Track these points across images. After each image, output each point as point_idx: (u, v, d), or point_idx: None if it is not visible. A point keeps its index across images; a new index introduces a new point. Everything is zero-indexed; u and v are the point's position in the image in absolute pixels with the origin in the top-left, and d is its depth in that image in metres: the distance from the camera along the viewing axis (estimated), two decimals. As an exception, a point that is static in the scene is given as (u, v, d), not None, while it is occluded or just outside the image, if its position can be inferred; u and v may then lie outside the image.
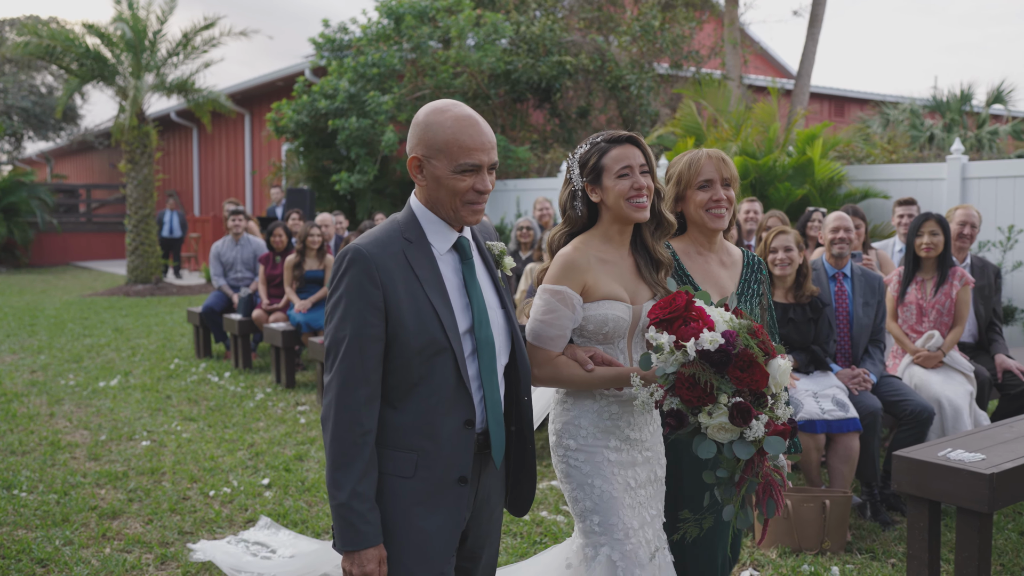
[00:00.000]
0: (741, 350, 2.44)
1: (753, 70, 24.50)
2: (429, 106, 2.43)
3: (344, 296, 2.32)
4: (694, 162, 3.09)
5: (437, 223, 2.45)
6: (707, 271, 3.11)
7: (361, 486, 2.28)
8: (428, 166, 2.38)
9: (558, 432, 2.88)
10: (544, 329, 2.77)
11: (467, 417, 2.39)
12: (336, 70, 15.97)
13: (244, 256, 10.79)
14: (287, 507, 5.34)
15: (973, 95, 21.44)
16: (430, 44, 15.81)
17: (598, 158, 2.82)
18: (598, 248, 2.84)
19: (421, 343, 2.33)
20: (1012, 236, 9.32)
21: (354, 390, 2.29)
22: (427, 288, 2.36)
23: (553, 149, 16.42)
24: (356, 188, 15.72)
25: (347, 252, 2.35)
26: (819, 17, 16.26)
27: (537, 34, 16.37)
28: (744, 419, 2.41)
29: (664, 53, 17.22)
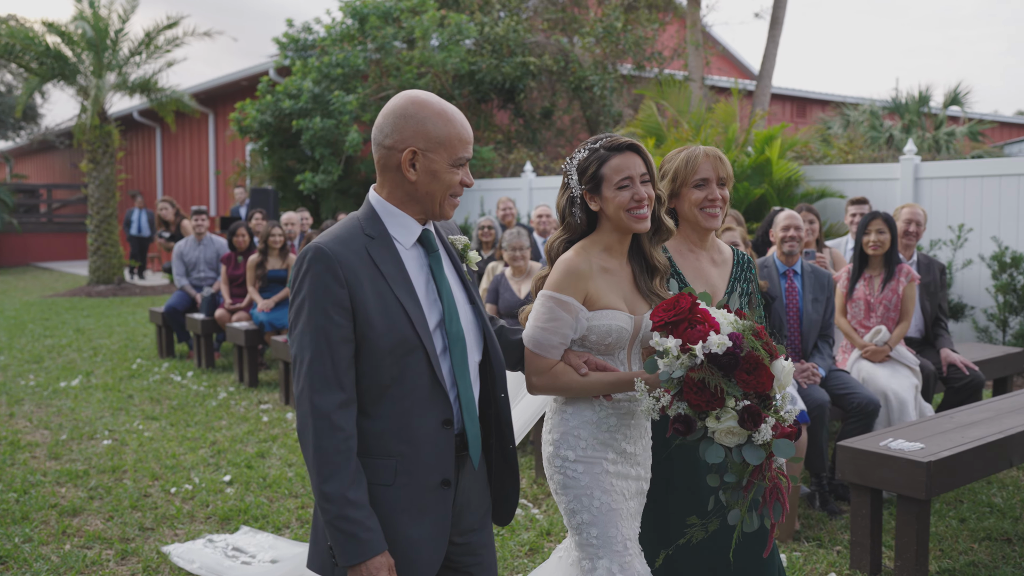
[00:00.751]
0: (748, 352, 2.41)
1: (716, 71, 24.79)
2: (406, 96, 2.34)
3: (308, 298, 2.20)
4: (691, 160, 3.05)
5: (400, 217, 2.36)
6: (698, 269, 3.10)
7: (353, 493, 2.16)
8: (424, 160, 2.30)
9: (555, 443, 2.78)
10: (545, 337, 2.69)
11: (444, 417, 2.30)
12: (300, 70, 15.96)
13: (207, 256, 10.79)
14: (248, 503, 5.39)
15: (931, 97, 21.88)
16: (394, 44, 15.84)
17: (597, 167, 2.74)
18: (599, 256, 2.77)
19: (391, 343, 2.23)
20: (962, 235, 9.57)
21: (328, 395, 2.17)
22: (393, 285, 2.27)
23: (517, 149, 16.52)
24: (320, 188, 15.72)
25: (307, 251, 2.24)
26: (780, 19, 16.50)
27: (501, 35, 16.46)
28: (754, 422, 2.36)
29: (627, 54, 17.39)
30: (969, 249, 9.61)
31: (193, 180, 24.80)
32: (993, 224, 9.51)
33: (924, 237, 9.97)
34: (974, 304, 9.50)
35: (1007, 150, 23.11)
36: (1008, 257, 8.97)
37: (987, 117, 25.95)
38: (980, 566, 4.38)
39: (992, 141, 24.97)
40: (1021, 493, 5.43)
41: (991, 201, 9.58)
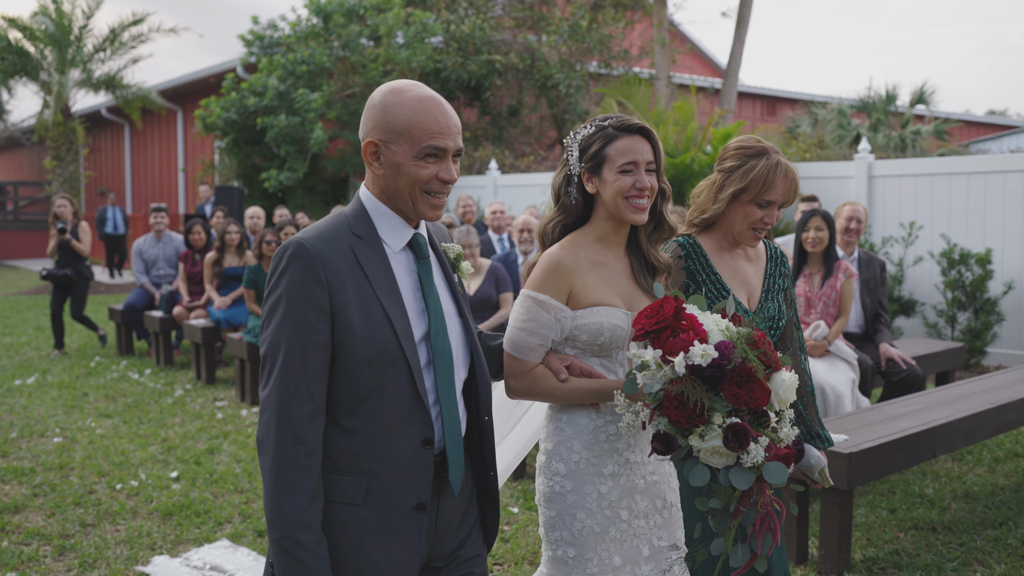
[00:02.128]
0: (738, 363, 2.16)
1: (686, 69, 24.96)
2: (386, 86, 2.18)
3: (284, 296, 2.03)
4: (770, 179, 2.82)
5: (391, 217, 2.19)
6: (735, 267, 2.94)
7: (308, 515, 2.00)
8: (386, 151, 2.13)
9: (548, 453, 2.58)
10: (521, 338, 2.50)
11: (424, 436, 2.13)
12: (266, 67, 15.93)
13: (166, 253, 10.78)
14: (192, 498, 5.41)
15: (898, 96, 22.17)
16: (360, 42, 15.85)
17: (601, 145, 2.51)
18: (591, 248, 2.56)
19: (371, 352, 2.05)
20: (913, 232, 9.73)
21: (296, 405, 2.00)
22: (378, 290, 2.09)
23: (483, 147, 16.58)
24: (286, 186, 15.71)
25: (288, 246, 2.07)
26: (746, 19, 16.64)
27: (467, 33, 16.51)
28: (740, 443, 2.12)
29: (593, 52, 17.49)
30: (920, 246, 9.77)
31: (162, 177, 24.65)
32: (943, 222, 9.68)
33: (876, 234, 10.13)
34: (924, 300, 9.67)
35: (973, 148, 23.45)
36: (957, 254, 9.14)
37: (953, 116, 26.31)
38: (903, 554, 4.49)
39: (958, 140, 25.35)
40: (953, 484, 5.56)
41: (942, 199, 9.75)
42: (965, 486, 5.52)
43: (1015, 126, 28.99)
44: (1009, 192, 9.22)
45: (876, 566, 4.37)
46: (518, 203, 13.42)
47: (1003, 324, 9.10)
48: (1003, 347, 9.18)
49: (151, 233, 10.88)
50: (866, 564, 4.39)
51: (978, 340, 8.99)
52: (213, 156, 19.20)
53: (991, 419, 4.91)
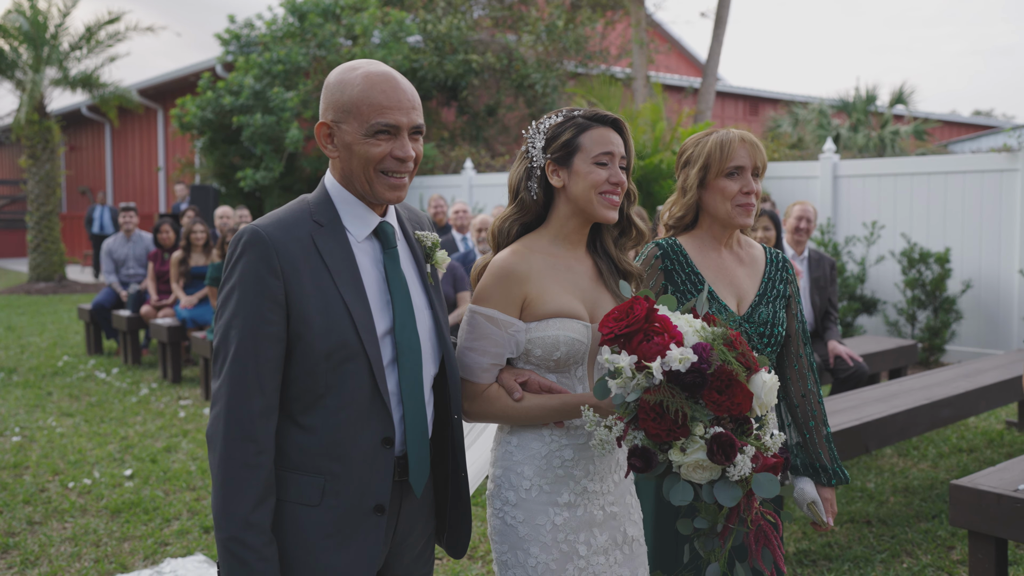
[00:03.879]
0: (718, 367, 1.98)
1: (669, 69, 25.06)
2: (340, 66, 2.09)
3: (237, 287, 1.95)
4: (725, 144, 2.62)
5: (354, 204, 2.08)
6: (721, 268, 2.70)
7: (255, 515, 1.91)
8: (337, 132, 2.03)
9: (497, 479, 2.35)
10: (472, 359, 2.28)
11: (384, 435, 2.02)
12: (242, 66, 15.95)
13: (136, 252, 10.81)
14: (143, 496, 5.46)
15: (877, 96, 22.33)
16: (337, 41, 15.89)
17: (574, 134, 2.31)
18: (548, 250, 2.35)
19: (329, 346, 1.96)
20: (875, 231, 9.83)
21: (246, 400, 1.92)
22: (339, 281, 1.99)
23: (459, 146, 16.63)
24: (262, 185, 15.73)
25: (242, 234, 1.98)
26: (724, 19, 16.74)
27: (444, 32, 16.56)
28: (727, 455, 1.93)
29: (570, 52, 17.56)
30: (882, 245, 9.88)
31: (143, 176, 24.61)
32: (905, 221, 9.79)
33: (840, 233, 10.23)
34: (886, 299, 9.78)
35: (953, 148, 23.64)
36: (916, 253, 9.25)
37: (933, 116, 26.47)
38: (835, 547, 4.57)
39: (938, 140, 25.52)
40: (895, 478, 5.65)
41: (903, 199, 9.85)
42: (906, 480, 5.61)
43: (994, 126, 29.17)
44: (968, 192, 9.33)
45: (808, 559, 4.45)
46: (493, 202, 13.48)
47: (961, 322, 9.21)
48: (961, 345, 9.29)
49: (121, 232, 10.90)
50: (798, 557, 4.47)
51: (937, 338, 9.10)
52: (192, 155, 19.20)
53: (926, 415, 5.00)
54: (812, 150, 15.52)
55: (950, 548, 4.58)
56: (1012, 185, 8.98)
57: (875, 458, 6.11)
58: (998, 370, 6.02)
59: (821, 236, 10.02)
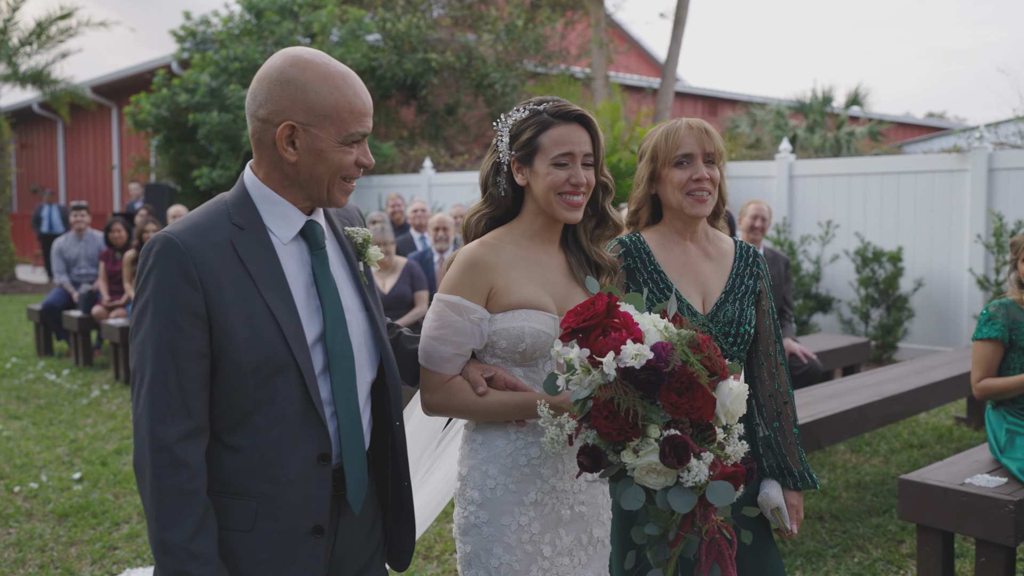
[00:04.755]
0: (677, 368, 1.90)
1: (628, 69, 25.19)
2: (289, 58, 1.90)
3: (151, 301, 1.80)
4: (671, 134, 2.56)
5: (279, 204, 1.94)
6: (686, 263, 2.62)
7: (197, 544, 1.78)
8: (306, 136, 1.88)
9: (463, 478, 2.31)
10: (435, 348, 2.22)
11: (320, 451, 1.90)
12: (198, 64, 15.75)
13: (88, 252, 10.62)
14: (92, 500, 5.35)
15: (833, 98, 22.64)
16: (295, 39, 15.74)
17: (535, 133, 2.25)
18: (519, 243, 2.30)
19: (256, 359, 1.83)
20: (830, 230, 9.96)
21: (170, 424, 1.78)
22: (263, 288, 1.85)
23: (418, 146, 16.57)
24: (219, 184, 15.53)
25: (153, 243, 1.82)
26: (683, 20, 16.86)
27: (403, 31, 16.48)
28: (679, 458, 1.85)
29: (529, 52, 17.57)
30: (837, 244, 10.00)
31: (97, 175, 24.20)
32: (859, 220, 9.92)
33: (796, 232, 10.34)
34: (840, 297, 9.90)
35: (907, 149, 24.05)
36: (870, 252, 9.38)
37: (887, 117, 26.90)
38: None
39: (893, 140, 25.94)
40: (848, 474, 5.72)
41: (857, 198, 9.99)
42: (858, 476, 5.68)
43: (947, 128, 29.71)
44: (919, 192, 9.48)
45: (761, 555, 4.48)
46: (452, 202, 13.44)
47: (913, 320, 9.36)
48: (913, 342, 9.44)
49: (72, 232, 10.70)
50: (751, 553, 4.50)
51: (890, 336, 9.24)
52: (147, 154, 18.92)
53: (877, 411, 5.07)
54: (770, 150, 15.72)
55: (900, 542, 4.64)
56: (962, 185, 9.14)
57: (828, 454, 6.18)
58: (947, 367, 6.12)
59: (777, 235, 10.12)
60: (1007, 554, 3.58)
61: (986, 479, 3.70)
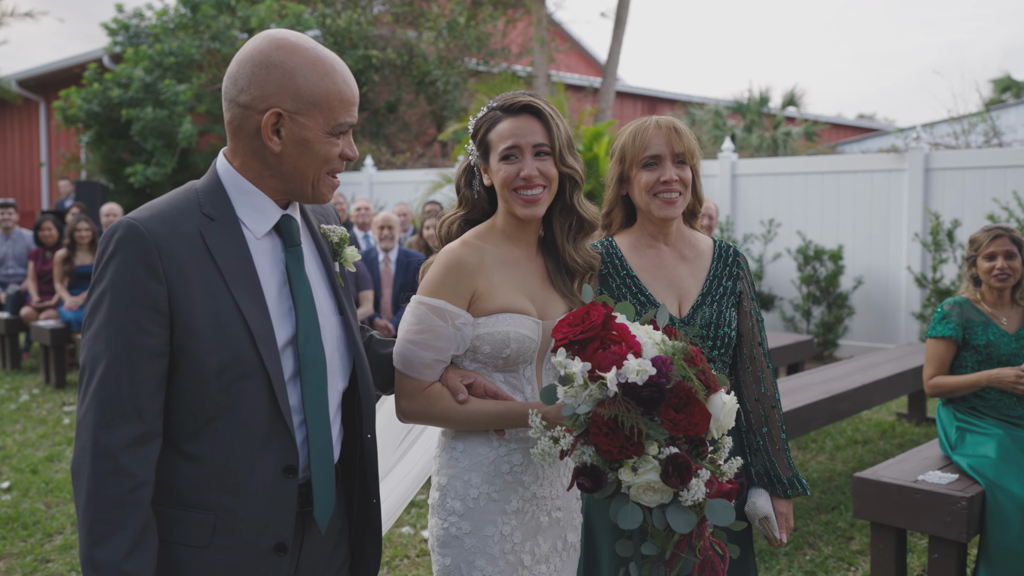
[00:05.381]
0: (677, 383, 1.85)
1: (569, 68, 25.24)
2: (274, 42, 1.77)
3: (109, 291, 1.66)
4: (639, 134, 2.46)
5: (255, 196, 1.81)
6: (659, 266, 2.51)
7: (130, 564, 1.62)
8: (293, 125, 1.76)
9: (442, 488, 2.21)
10: (415, 353, 2.12)
11: (286, 463, 1.78)
12: (132, 58, 15.31)
13: (16, 251, 10.23)
14: (22, 510, 5.12)
15: (770, 98, 23.01)
16: (232, 34, 15.41)
17: (486, 131, 2.20)
18: (499, 244, 2.22)
19: (221, 361, 1.70)
20: (772, 229, 10.06)
21: (118, 427, 1.64)
22: (232, 284, 1.73)
23: (359, 143, 16.35)
24: (154, 181, 15.12)
25: (115, 229, 1.69)
26: (623, 19, 16.95)
27: (343, 27, 16.25)
28: (682, 477, 1.81)
29: (471, 49, 17.48)
30: (779, 243, 10.12)
31: (23, 172, 23.40)
32: (800, 219, 10.04)
33: (738, 231, 10.44)
34: (782, 295, 10.02)
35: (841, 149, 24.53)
36: (811, 250, 9.50)
37: (822, 118, 27.43)
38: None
39: (827, 141, 26.46)
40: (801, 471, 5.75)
41: (799, 197, 10.11)
42: (806, 473, 5.72)
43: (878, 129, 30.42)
44: (859, 191, 9.63)
45: (714, 554, 4.47)
46: (393, 200, 13.28)
47: (853, 317, 9.51)
48: (853, 339, 9.60)
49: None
50: (705, 553, 4.48)
51: (831, 333, 9.37)
52: (78, 150, 18.34)
53: (825, 409, 5.10)
54: (710, 149, 15.84)
55: (850, 539, 4.68)
56: (899, 184, 9.31)
57: (776, 451, 6.21)
58: (890, 364, 6.20)
59: (720, 234, 10.20)
60: (959, 550, 3.61)
61: (938, 476, 3.73)
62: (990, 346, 3.80)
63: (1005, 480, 3.58)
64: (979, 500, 3.58)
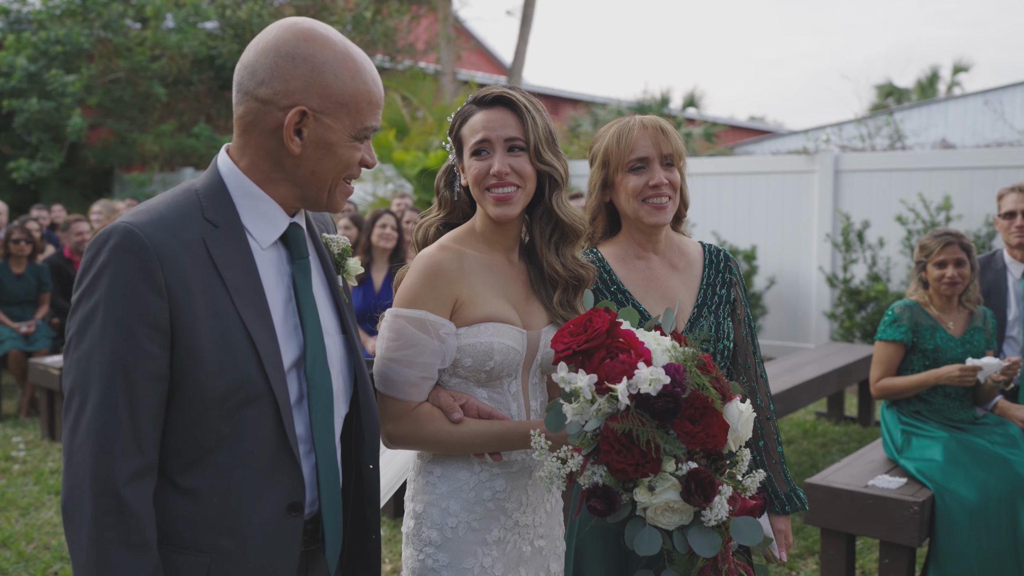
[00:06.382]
0: (692, 392, 1.72)
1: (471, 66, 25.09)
2: (303, 32, 1.59)
3: (102, 307, 1.46)
4: (623, 135, 2.29)
5: (262, 201, 1.62)
6: (651, 279, 2.35)
7: None
8: (317, 126, 1.58)
9: (418, 516, 2.03)
10: (397, 372, 1.94)
11: (292, 499, 1.60)
12: (14, 45, 14.40)
13: None
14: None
15: (671, 99, 23.40)
16: (125, 23, 14.68)
17: (458, 126, 2.06)
18: (477, 248, 2.06)
19: (226, 386, 1.52)
20: (687, 230, 10.10)
21: (119, 461, 1.46)
22: (238, 300, 1.54)
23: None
24: (39, 177, 14.29)
25: (109, 234, 1.48)
26: (530, 18, 16.93)
27: (244, 19, 15.68)
28: (705, 495, 1.66)
29: (377, 45, 17.14)
30: (693, 243, 10.19)
31: None
32: (714, 219, 10.14)
33: (654, 231, 10.48)
34: (697, 295, 10.09)
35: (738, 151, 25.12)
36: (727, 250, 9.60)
37: (720, 120, 28.07)
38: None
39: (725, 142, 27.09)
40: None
41: (712, 198, 10.21)
42: (738, 476, 5.70)
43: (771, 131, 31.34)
44: (771, 192, 9.78)
45: (657, 563, 4.37)
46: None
47: (767, 316, 9.64)
48: (768, 339, 9.74)
49: None
50: (648, 562, 4.38)
51: (746, 332, 9.48)
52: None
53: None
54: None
55: (789, 542, 4.65)
56: (810, 185, 9.49)
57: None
58: (814, 364, 6.26)
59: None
60: (909, 554, 3.60)
61: (887, 480, 3.71)
62: (938, 350, 3.81)
63: (953, 483, 3.58)
64: (930, 504, 3.58)
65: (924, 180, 8.77)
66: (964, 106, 18.43)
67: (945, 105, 18.71)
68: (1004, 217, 4.35)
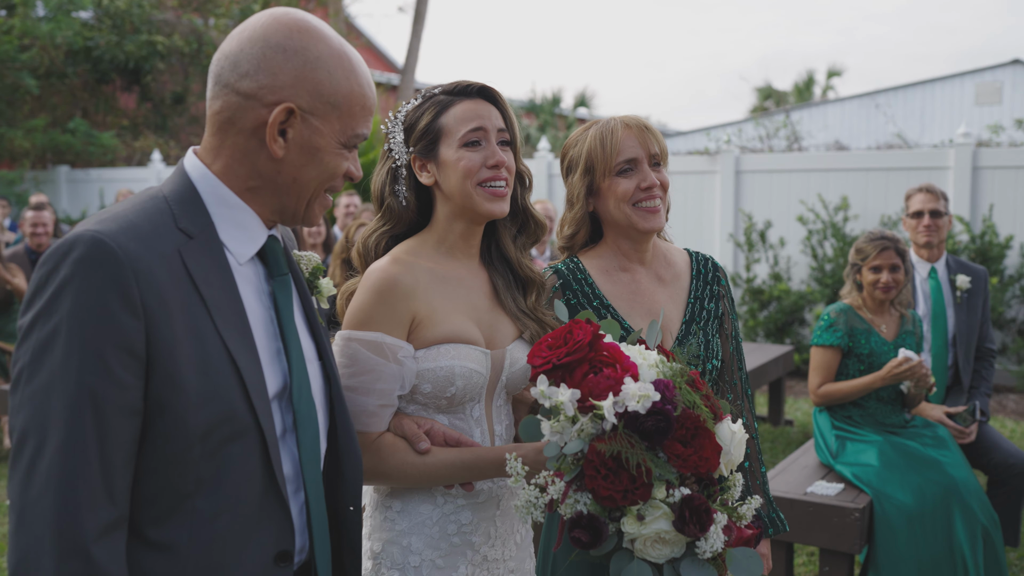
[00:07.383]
0: (683, 411, 1.59)
1: (362, 64, 24.62)
2: (293, 24, 1.42)
3: (65, 329, 1.23)
4: (607, 137, 2.12)
5: (239, 210, 1.43)
6: (636, 293, 2.19)
7: None
8: (304, 127, 1.41)
9: (376, 556, 1.84)
10: (353, 401, 1.75)
11: (280, 547, 1.41)
12: None
13: None
14: None
15: (562, 99, 23.55)
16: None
17: (433, 116, 1.84)
18: (433, 259, 1.87)
19: (209, 419, 1.31)
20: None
21: (86, 513, 1.22)
22: (219, 321, 1.35)
23: (144, 136, 15.07)
24: None
25: (73, 244, 1.25)
26: (423, 14, 16.65)
27: (123, 9, 14.88)
28: (701, 524, 1.53)
29: (267, 40, 16.58)
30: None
31: None
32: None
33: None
34: (602, 295, 10.07)
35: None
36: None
37: (609, 120, 28.50)
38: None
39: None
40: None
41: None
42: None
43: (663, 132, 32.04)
44: (674, 192, 9.78)
45: None
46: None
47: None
48: (673, 338, 9.78)
49: None
50: None
51: (651, 332, 9.49)
52: None
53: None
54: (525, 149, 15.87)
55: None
56: (712, 186, 9.57)
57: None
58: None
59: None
60: (849, 561, 3.55)
61: (824, 486, 3.66)
62: (872, 355, 3.78)
63: (889, 488, 3.55)
64: (869, 510, 3.54)
65: (822, 181, 8.95)
66: (843, 109, 19.15)
67: (824, 108, 19.39)
68: (912, 217, 4.42)
